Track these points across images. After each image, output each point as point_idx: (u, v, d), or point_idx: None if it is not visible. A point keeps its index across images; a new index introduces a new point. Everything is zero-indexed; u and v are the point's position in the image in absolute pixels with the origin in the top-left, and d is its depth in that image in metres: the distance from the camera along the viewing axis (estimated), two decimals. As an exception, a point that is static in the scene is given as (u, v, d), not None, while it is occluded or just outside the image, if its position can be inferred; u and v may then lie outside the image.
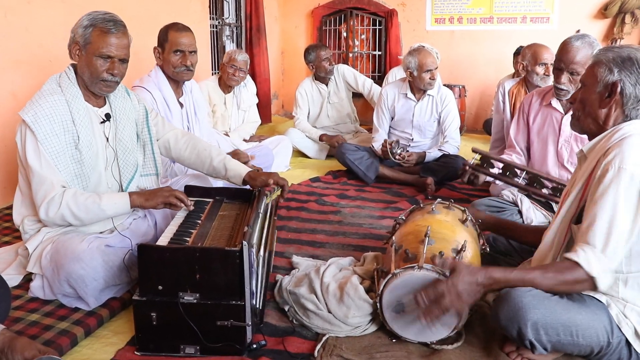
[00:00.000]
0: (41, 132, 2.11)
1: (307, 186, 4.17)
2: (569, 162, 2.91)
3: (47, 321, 2.05)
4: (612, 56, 1.76)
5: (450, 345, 1.91)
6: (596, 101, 1.79)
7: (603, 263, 1.62)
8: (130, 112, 2.45)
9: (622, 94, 1.74)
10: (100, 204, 2.16)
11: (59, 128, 2.16)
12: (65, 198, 2.12)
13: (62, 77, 2.27)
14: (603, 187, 1.65)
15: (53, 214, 2.13)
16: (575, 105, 1.89)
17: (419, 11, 6.84)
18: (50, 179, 2.12)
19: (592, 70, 1.81)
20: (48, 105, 2.15)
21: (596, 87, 1.78)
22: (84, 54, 2.23)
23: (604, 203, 1.64)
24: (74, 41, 2.24)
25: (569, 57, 2.74)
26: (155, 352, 1.89)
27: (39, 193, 2.14)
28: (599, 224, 1.63)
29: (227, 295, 1.83)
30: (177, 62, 3.13)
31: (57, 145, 2.15)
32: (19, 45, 3.51)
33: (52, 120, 2.14)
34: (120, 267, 2.19)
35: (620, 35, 5.83)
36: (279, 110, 7.80)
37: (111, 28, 2.21)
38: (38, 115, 2.12)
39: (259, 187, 2.45)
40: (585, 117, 1.84)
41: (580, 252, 1.64)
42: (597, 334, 1.70)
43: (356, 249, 2.84)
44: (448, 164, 4.04)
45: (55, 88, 2.23)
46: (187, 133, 2.73)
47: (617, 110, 1.77)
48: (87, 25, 2.21)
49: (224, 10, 6.59)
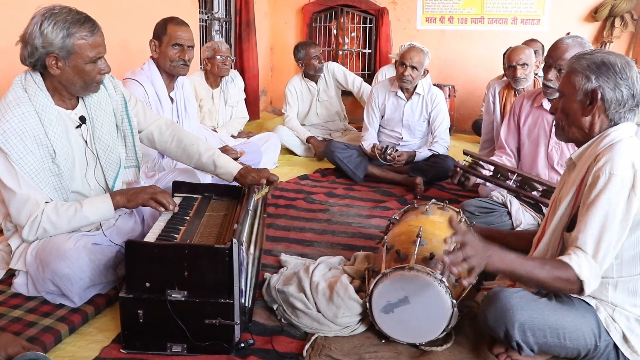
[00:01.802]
0: (14, 152, 1.98)
1: (296, 184, 4.15)
2: (559, 165, 2.92)
3: (30, 317, 2.02)
4: (587, 63, 1.75)
5: (439, 346, 1.91)
6: (578, 110, 1.78)
7: (593, 268, 1.63)
8: (106, 104, 2.32)
9: (604, 99, 1.73)
10: (82, 211, 2.09)
11: (32, 144, 2.01)
12: (45, 213, 2.05)
13: (28, 81, 2.09)
14: (595, 194, 1.65)
15: (34, 233, 2.07)
16: (557, 115, 1.88)
17: (410, 10, 6.83)
18: (33, 197, 2.03)
19: (569, 79, 1.80)
20: (16, 121, 1.99)
21: (576, 95, 1.77)
22: (69, 64, 2.06)
23: (596, 209, 1.64)
24: (49, 53, 2.02)
25: (557, 53, 2.75)
26: (142, 350, 1.86)
27: (21, 213, 2.05)
28: (591, 230, 1.64)
29: (216, 293, 1.80)
30: (175, 56, 3.08)
31: (33, 163, 2.02)
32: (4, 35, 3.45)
33: (23, 137, 1.99)
34: (107, 265, 2.15)
35: (610, 39, 5.87)
36: (267, 107, 7.76)
37: (92, 30, 2.08)
38: (8, 134, 1.97)
39: (249, 185, 2.42)
40: (569, 127, 1.83)
41: (572, 256, 1.64)
42: (584, 337, 1.71)
43: (345, 248, 2.83)
44: (437, 164, 4.04)
45: (21, 96, 2.05)
46: (171, 124, 2.62)
47: (600, 116, 1.76)
48: (64, 35, 2.02)
49: (214, 5, 6.54)
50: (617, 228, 1.63)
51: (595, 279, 1.64)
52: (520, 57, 3.79)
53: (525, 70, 3.80)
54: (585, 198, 1.69)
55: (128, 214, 2.45)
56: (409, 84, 4.12)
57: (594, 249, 1.63)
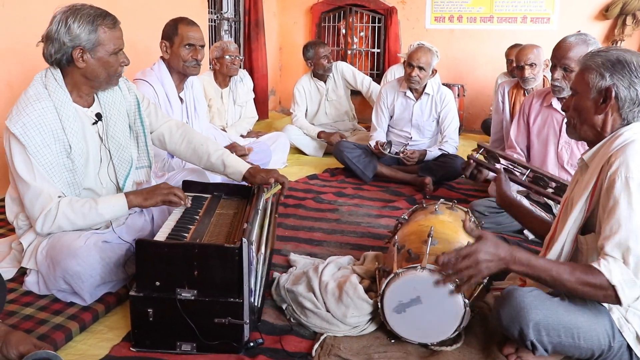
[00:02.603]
0: (32, 145, 2.03)
1: (305, 183, 4.15)
2: (569, 164, 2.91)
3: (41, 315, 2.03)
4: (601, 61, 1.72)
5: (449, 346, 1.90)
6: (591, 108, 1.75)
7: (625, 273, 1.57)
8: (120, 104, 2.37)
9: (617, 98, 1.70)
10: (97, 208, 2.11)
11: (50, 138, 2.07)
12: (60, 208, 2.07)
13: (48, 78, 2.15)
14: (614, 200, 1.61)
15: (49, 226, 2.09)
16: (569, 113, 1.85)
17: (419, 9, 6.82)
18: (47, 191, 2.07)
19: (582, 76, 1.77)
20: (37, 115, 2.05)
21: (589, 93, 1.74)
22: (94, 57, 2.13)
23: (617, 215, 1.59)
24: (78, 45, 2.10)
25: (560, 52, 2.74)
26: (151, 348, 1.87)
27: (35, 206, 2.08)
28: (616, 236, 1.58)
29: (225, 293, 1.80)
30: (187, 56, 3.09)
31: (49, 157, 2.07)
32: (16, 35, 3.47)
33: (42, 131, 2.05)
34: (117, 263, 2.16)
35: (621, 37, 5.82)
36: (276, 107, 7.77)
37: (114, 22, 2.17)
38: (27, 127, 2.02)
39: (258, 184, 2.42)
40: (581, 125, 1.80)
41: (602, 262, 1.59)
42: (598, 337, 1.69)
43: (354, 248, 2.82)
44: (446, 163, 4.02)
45: (42, 91, 2.12)
46: (182, 125, 2.66)
47: (613, 115, 1.73)
48: (90, 28, 2.10)
49: (223, 5, 6.55)
50: None
51: (630, 285, 1.56)
52: (528, 57, 3.77)
53: (534, 70, 3.78)
54: (604, 204, 1.65)
55: (138, 213, 2.46)
56: (417, 84, 4.12)
57: (623, 255, 1.58)
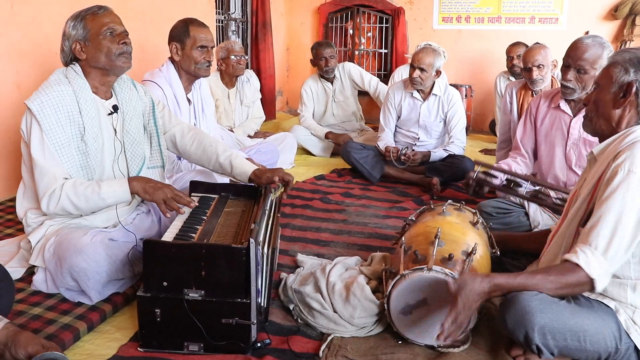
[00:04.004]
0: (46, 122, 2.10)
1: (312, 184, 4.15)
2: (576, 166, 2.88)
3: (49, 315, 2.04)
4: (629, 57, 1.75)
5: (456, 348, 1.89)
6: (610, 102, 1.78)
7: (603, 266, 1.61)
8: (136, 103, 2.44)
9: (637, 94, 1.73)
10: (100, 192, 2.14)
11: (65, 119, 2.14)
12: (64, 189, 2.11)
13: (69, 71, 2.26)
14: (611, 189, 1.64)
15: (54, 206, 2.13)
16: (588, 107, 1.87)
17: (426, 10, 6.80)
18: (52, 171, 2.12)
19: (608, 71, 1.80)
20: (55, 95, 2.14)
21: (611, 87, 1.77)
22: (89, 44, 2.23)
23: (610, 205, 1.62)
24: (74, 41, 2.24)
25: (577, 53, 2.72)
26: (159, 348, 1.87)
27: (41, 185, 2.13)
28: (603, 226, 1.62)
29: (233, 293, 1.81)
30: (200, 58, 3.10)
31: (61, 136, 2.13)
32: (24, 36, 3.49)
33: (57, 111, 2.13)
34: (124, 261, 2.17)
35: (630, 37, 5.78)
36: (284, 107, 7.78)
37: (99, 8, 2.26)
38: (44, 105, 2.10)
39: (264, 185, 2.42)
40: (597, 118, 1.83)
41: (580, 254, 1.63)
42: (605, 340, 1.68)
43: (361, 249, 2.82)
44: (454, 164, 4.02)
45: (62, 79, 2.22)
46: (193, 128, 2.70)
47: (631, 111, 1.75)
48: (76, 22, 2.24)
49: (230, 5, 6.56)
50: (632, 226, 1.61)
51: (606, 277, 1.63)
52: (535, 58, 3.75)
53: (542, 71, 3.76)
54: (601, 193, 1.67)
55: (145, 213, 2.48)
56: (419, 85, 4.12)
57: (605, 246, 1.61)
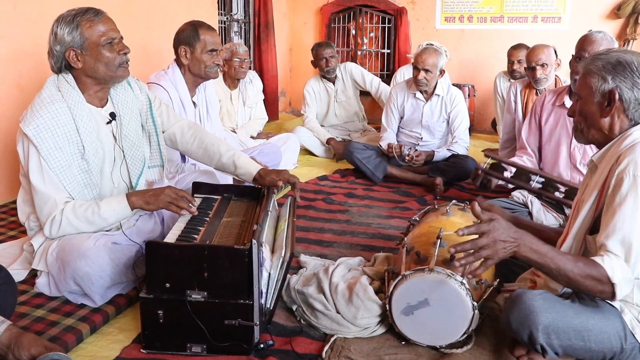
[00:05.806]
0: (44, 147, 2.06)
1: (315, 184, 4.15)
2: (581, 164, 2.88)
3: (52, 317, 2.04)
4: (602, 64, 1.72)
5: (459, 348, 1.89)
6: (597, 112, 1.75)
7: (626, 272, 1.58)
8: (132, 103, 2.39)
9: (622, 99, 1.70)
10: (100, 212, 2.12)
11: (63, 140, 2.10)
12: (64, 215, 2.10)
13: (60, 81, 2.18)
14: (620, 197, 1.61)
15: (56, 232, 2.13)
16: (575, 119, 1.85)
17: (429, 9, 6.79)
18: (53, 197, 2.09)
19: (585, 81, 1.77)
20: (50, 116, 2.08)
21: (593, 97, 1.75)
22: (87, 53, 2.15)
23: (623, 213, 1.60)
24: (69, 48, 2.13)
25: (593, 46, 2.72)
26: (161, 350, 1.87)
27: (43, 211, 2.12)
28: (620, 234, 1.59)
29: (236, 294, 1.81)
30: (210, 62, 3.10)
31: (61, 159, 2.10)
32: (27, 37, 3.50)
33: (54, 133, 2.07)
34: (127, 264, 2.17)
35: (633, 36, 5.76)
36: (286, 108, 7.77)
37: (95, 14, 2.16)
38: (40, 129, 2.05)
39: (267, 186, 2.42)
40: (588, 129, 1.81)
41: (605, 258, 1.59)
42: (609, 340, 1.67)
43: (364, 249, 2.81)
44: (457, 164, 4.01)
45: (55, 93, 2.15)
46: (193, 125, 2.67)
47: (620, 116, 1.73)
48: (71, 27, 2.12)
49: (233, 6, 6.56)
50: None
51: (627, 284, 1.59)
52: (539, 57, 3.75)
53: (545, 70, 3.75)
54: (610, 200, 1.65)
55: (148, 215, 2.47)
56: (425, 86, 4.12)
57: (625, 253, 1.59)
